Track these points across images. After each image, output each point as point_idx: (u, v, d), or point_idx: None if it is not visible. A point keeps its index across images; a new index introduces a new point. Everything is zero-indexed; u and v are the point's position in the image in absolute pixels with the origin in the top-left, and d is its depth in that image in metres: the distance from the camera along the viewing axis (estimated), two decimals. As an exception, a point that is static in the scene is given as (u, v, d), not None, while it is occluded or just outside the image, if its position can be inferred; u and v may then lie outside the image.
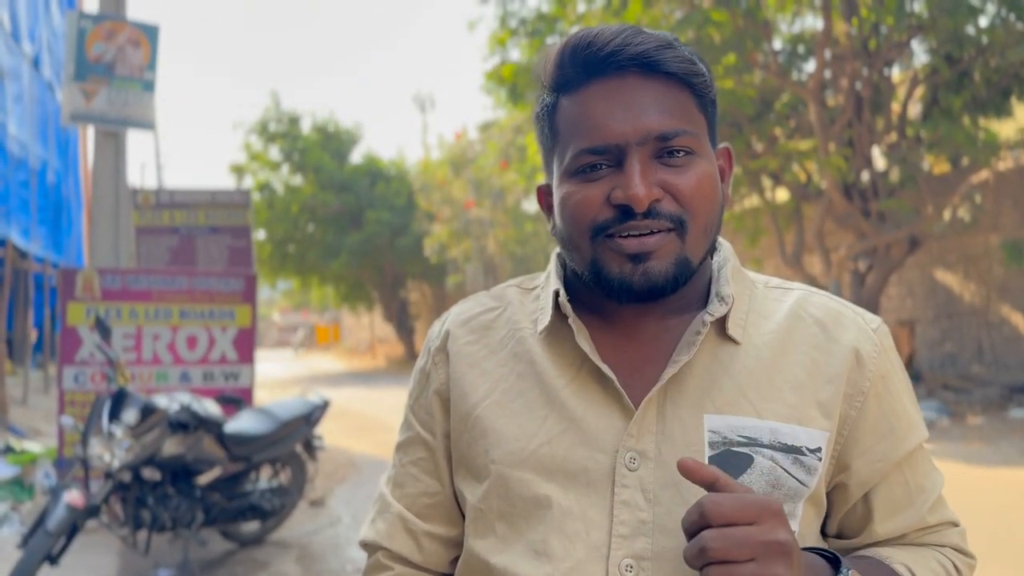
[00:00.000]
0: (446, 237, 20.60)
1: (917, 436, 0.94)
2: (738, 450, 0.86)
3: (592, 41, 0.89)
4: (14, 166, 10.08)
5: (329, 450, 6.45)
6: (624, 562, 0.84)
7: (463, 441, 0.97)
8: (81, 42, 6.98)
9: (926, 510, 0.93)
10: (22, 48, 10.64)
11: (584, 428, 0.90)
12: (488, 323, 1.02)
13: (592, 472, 0.88)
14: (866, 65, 9.81)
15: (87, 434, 4.23)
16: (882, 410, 0.92)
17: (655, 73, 0.88)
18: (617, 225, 0.87)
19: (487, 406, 0.95)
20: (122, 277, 6.03)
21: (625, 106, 0.88)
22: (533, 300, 1.02)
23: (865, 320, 0.96)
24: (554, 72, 0.93)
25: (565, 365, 0.94)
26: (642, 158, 0.87)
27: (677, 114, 0.88)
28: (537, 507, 0.89)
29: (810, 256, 12.48)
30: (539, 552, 0.87)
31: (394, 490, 1.04)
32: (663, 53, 0.88)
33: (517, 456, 0.91)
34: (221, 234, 7.94)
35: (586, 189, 0.89)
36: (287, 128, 25.48)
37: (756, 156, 10.96)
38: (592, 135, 0.88)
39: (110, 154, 7.18)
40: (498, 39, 10.97)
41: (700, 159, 0.90)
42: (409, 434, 1.04)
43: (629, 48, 0.88)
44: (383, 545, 1.02)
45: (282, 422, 4.98)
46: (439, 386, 1.01)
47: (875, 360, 0.93)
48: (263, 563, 4.95)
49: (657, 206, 0.86)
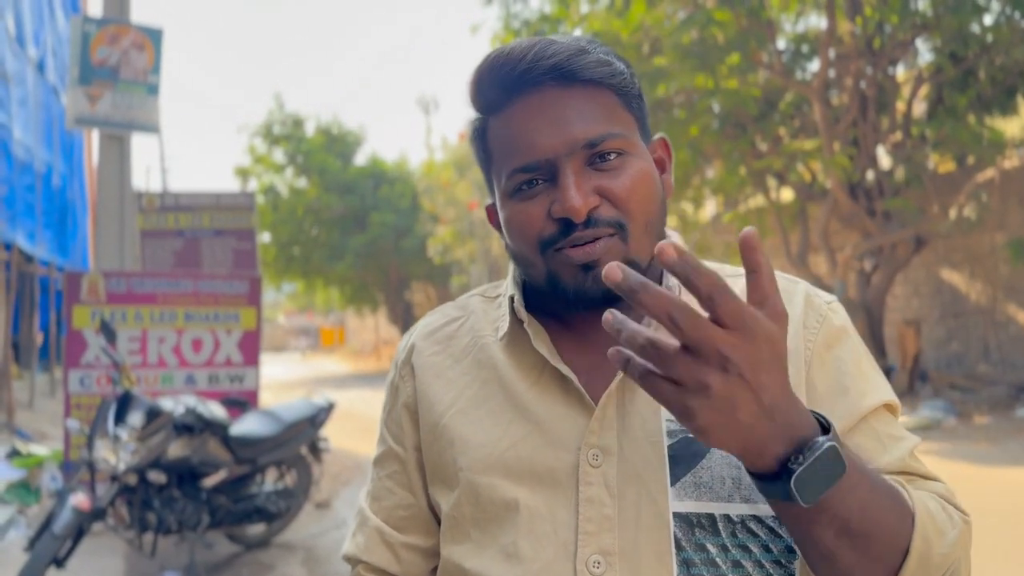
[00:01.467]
0: (450, 238, 20.62)
1: (878, 395, 0.90)
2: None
3: (505, 61, 0.90)
4: (19, 170, 10.11)
5: (334, 452, 6.45)
6: (592, 558, 0.85)
7: (433, 451, 0.98)
8: (85, 46, 7.00)
9: (905, 455, 0.88)
10: (27, 52, 10.67)
11: (548, 429, 0.90)
12: (452, 333, 1.04)
13: (558, 472, 0.89)
14: (870, 64, 9.79)
15: (93, 437, 4.23)
16: (830, 375, 0.90)
17: (572, 82, 0.89)
18: (562, 239, 0.88)
19: (453, 415, 0.96)
20: (127, 280, 6.04)
21: (549, 120, 0.88)
22: (496, 308, 1.04)
23: (819, 296, 0.96)
24: (476, 95, 0.94)
25: (527, 369, 0.95)
26: (575, 168, 0.88)
27: (601, 118, 0.89)
28: (507, 511, 0.90)
29: (815, 256, 12.46)
30: (510, 555, 0.88)
31: (372, 504, 1.06)
32: (576, 61, 0.89)
33: (484, 462, 0.92)
34: (226, 237, 7.95)
35: (527, 207, 0.90)
36: (291, 131, 25.54)
37: (760, 156, 10.94)
38: (522, 154, 0.89)
39: (115, 158, 7.20)
40: (501, 41, 10.98)
41: (632, 158, 0.90)
42: (383, 448, 1.06)
43: (542, 62, 0.88)
44: (362, 559, 1.03)
45: (287, 424, 4.99)
46: (407, 399, 1.03)
47: (815, 329, 0.92)
48: (269, 565, 4.95)
49: (595, 213, 0.87)
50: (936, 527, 0.80)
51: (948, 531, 0.80)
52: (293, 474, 5.26)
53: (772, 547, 0.83)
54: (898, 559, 0.76)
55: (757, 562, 0.83)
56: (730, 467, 0.85)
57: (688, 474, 0.85)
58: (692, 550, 0.83)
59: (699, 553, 0.83)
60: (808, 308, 0.94)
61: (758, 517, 0.84)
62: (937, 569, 0.79)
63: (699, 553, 0.83)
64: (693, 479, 0.85)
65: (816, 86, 9.76)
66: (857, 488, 0.73)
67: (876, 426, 0.89)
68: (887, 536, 0.76)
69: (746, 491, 0.84)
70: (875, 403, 0.90)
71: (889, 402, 0.91)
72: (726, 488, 0.84)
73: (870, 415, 0.90)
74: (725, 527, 0.84)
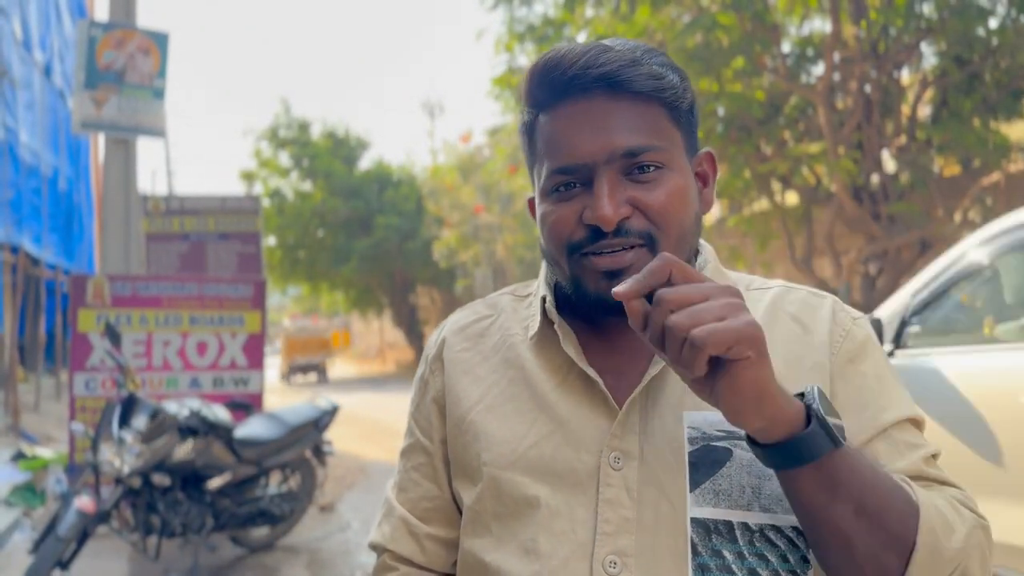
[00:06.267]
0: (455, 242, 20.63)
1: (899, 410, 0.91)
2: (717, 444, 0.88)
3: (558, 63, 0.91)
4: (26, 174, 10.16)
5: (338, 455, 6.45)
6: (608, 558, 0.86)
7: (458, 445, 1.00)
8: (92, 50, 7.03)
9: (920, 461, 0.89)
10: (33, 57, 10.72)
11: (571, 430, 0.92)
12: (482, 331, 1.06)
13: (579, 472, 0.90)
14: (875, 68, 9.78)
15: (97, 440, 4.25)
16: (852, 389, 0.92)
17: (621, 92, 0.90)
18: (590, 244, 0.90)
19: (479, 411, 0.99)
20: (132, 283, 6.06)
21: (592, 127, 0.89)
22: (526, 307, 1.06)
23: (845, 311, 0.98)
24: (529, 90, 0.96)
25: (553, 370, 0.97)
26: (610, 177, 0.89)
27: (645, 131, 0.90)
28: (527, 507, 0.92)
29: (820, 259, 12.44)
30: (529, 550, 0.90)
31: (398, 494, 1.08)
32: (627, 72, 0.89)
33: (507, 458, 0.94)
34: (231, 240, 7.98)
35: (560, 209, 0.92)
36: (297, 134, 25.60)
37: (765, 159, 10.93)
38: (562, 156, 0.91)
39: (120, 161, 7.23)
40: (505, 45, 10.99)
41: (671, 172, 0.91)
42: (411, 440, 1.09)
43: (592, 70, 0.89)
44: (388, 547, 1.06)
45: (291, 427, 5.00)
46: (436, 393, 1.05)
47: (839, 344, 0.94)
48: (273, 569, 4.95)
49: (626, 224, 0.89)
50: (944, 522, 0.81)
51: (957, 528, 0.82)
52: (297, 477, 5.27)
53: (789, 557, 0.85)
54: (908, 549, 0.78)
55: (774, 571, 0.84)
56: (750, 476, 0.86)
57: (708, 481, 0.87)
58: (708, 555, 0.85)
59: (715, 559, 0.85)
60: (834, 323, 0.96)
61: (777, 527, 0.85)
62: (949, 564, 0.80)
63: (715, 559, 0.85)
64: (712, 486, 0.86)
65: (821, 90, 9.75)
66: (862, 462, 0.79)
67: (894, 435, 0.91)
68: (898, 518, 0.78)
69: (765, 500, 0.85)
70: (896, 418, 0.91)
71: (912, 417, 0.92)
72: (745, 497, 0.86)
73: (892, 428, 0.91)
74: (743, 535, 0.85)
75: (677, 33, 9.33)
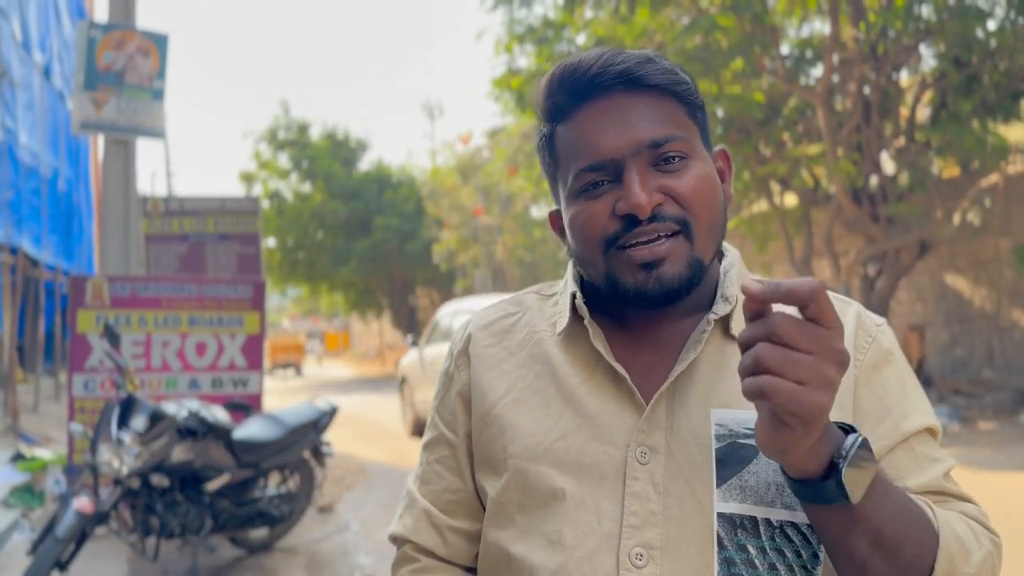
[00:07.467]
0: (455, 243, 20.66)
1: (921, 419, 0.93)
2: (744, 442, 0.89)
3: (576, 68, 0.94)
4: (25, 174, 10.16)
5: (338, 456, 6.44)
6: (634, 551, 0.88)
7: (483, 438, 1.02)
8: (91, 51, 7.03)
9: (940, 476, 0.92)
10: (33, 57, 10.73)
11: (598, 424, 0.94)
12: (508, 327, 1.07)
13: (605, 466, 0.92)
14: (874, 69, 9.79)
15: (96, 441, 4.24)
16: (876, 396, 0.93)
17: (640, 87, 0.92)
18: (625, 235, 0.91)
19: (505, 404, 1.00)
20: (131, 284, 6.06)
21: (615, 122, 0.92)
22: (552, 305, 1.07)
23: (870, 318, 0.99)
24: (546, 103, 0.98)
25: (581, 365, 0.98)
26: (639, 168, 0.91)
27: (666, 122, 0.92)
28: (553, 499, 0.93)
29: (819, 261, 12.44)
30: (553, 542, 0.91)
31: (420, 487, 1.09)
32: (644, 68, 0.92)
33: (534, 451, 0.95)
34: (230, 241, 7.97)
35: (591, 206, 0.93)
36: (296, 136, 25.62)
37: (765, 161, 10.95)
38: (589, 154, 0.92)
39: (120, 162, 7.22)
40: (505, 46, 11.00)
41: (696, 161, 0.93)
42: (434, 434, 1.10)
43: (611, 68, 0.92)
44: (410, 539, 1.07)
45: (291, 428, 4.99)
46: (461, 387, 1.06)
47: (864, 350, 0.95)
48: (272, 570, 4.95)
49: (660, 210, 0.90)
50: (962, 547, 0.83)
51: (974, 552, 0.84)
52: (296, 478, 5.27)
53: (803, 552, 0.86)
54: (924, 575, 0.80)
55: (789, 566, 0.86)
56: (776, 474, 0.87)
57: (734, 477, 0.88)
58: (734, 549, 0.86)
59: (740, 553, 0.86)
60: (859, 329, 0.96)
61: (795, 524, 0.87)
62: None
63: (740, 553, 0.86)
64: (739, 482, 0.88)
65: (820, 91, 9.76)
66: (888, 496, 0.79)
67: (915, 447, 0.92)
68: (916, 548, 0.80)
69: (788, 498, 0.86)
70: (917, 426, 0.93)
71: (931, 426, 0.94)
72: (770, 494, 0.87)
73: (912, 437, 0.92)
74: (766, 530, 0.87)
75: (676, 35, 9.35)
